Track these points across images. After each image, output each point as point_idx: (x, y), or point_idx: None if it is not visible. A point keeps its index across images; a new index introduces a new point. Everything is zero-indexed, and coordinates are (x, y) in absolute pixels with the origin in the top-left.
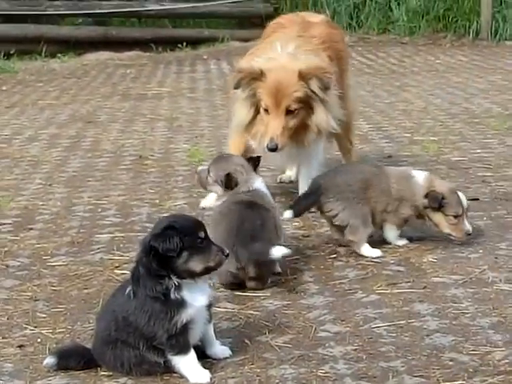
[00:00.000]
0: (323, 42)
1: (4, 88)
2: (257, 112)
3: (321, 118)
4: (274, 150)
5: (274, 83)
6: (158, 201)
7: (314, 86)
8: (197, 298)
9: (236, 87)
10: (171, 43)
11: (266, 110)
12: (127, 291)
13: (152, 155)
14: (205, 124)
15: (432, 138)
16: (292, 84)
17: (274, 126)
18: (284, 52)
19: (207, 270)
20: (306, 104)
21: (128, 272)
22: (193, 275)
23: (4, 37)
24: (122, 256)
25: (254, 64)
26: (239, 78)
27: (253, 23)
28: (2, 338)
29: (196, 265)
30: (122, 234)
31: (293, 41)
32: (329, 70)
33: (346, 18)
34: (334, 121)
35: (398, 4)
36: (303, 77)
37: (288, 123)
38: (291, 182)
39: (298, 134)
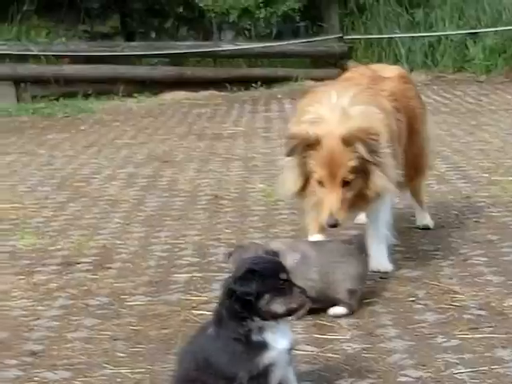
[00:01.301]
0: (391, 95)
1: (82, 128)
2: (306, 181)
3: (378, 182)
4: (334, 226)
5: (328, 153)
6: (234, 241)
7: (361, 151)
8: (279, 340)
9: (289, 155)
10: (245, 82)
11: (320, 182)
12: (209, 332)
13: (228, 195)
14: (280, 164)
15: (511, 179)
16: (345, 153)
17: (331, 201)
18: (337, 104)
19: (290, 312)
20: (362, 170)
21: (206, 312)
22: (275, 317)
23: (82, 77)
24: (199, 296)
25: (308, 130)
26: (293, 145)
27: (327, 63)
28: (83, 376)
29: (278, 307)
30: (200, 274)
31: (351, 89)
32: (374, 131)
33: (421, 57)
34: (391, 183)
35: (474, 42)
36: (348, 143)
37: (345, 195)
38: None
39: (356, 201)
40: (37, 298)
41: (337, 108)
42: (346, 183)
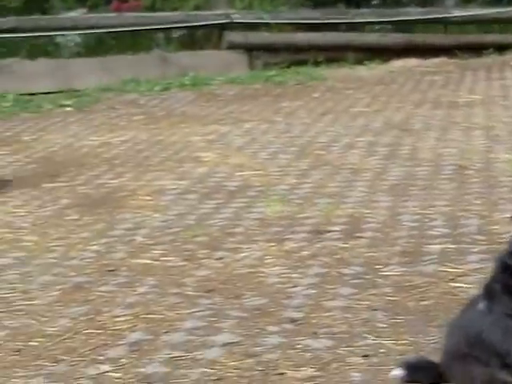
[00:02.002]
0: None
1: (315, 95)
2: None
3: None
4: None
5: None
6: (486, 212)
7: None
8: None
9: None
10: (476, 49)
11: None
12: (480, 307)
13: (472, 165)
14: None
15: None
16: None
17: None
18: None
19: None
20: None
21: (464, 285)
22: None
23: (313, 45)
24: (455, 268)
25: None
26: None
27: None
28: (346, 346)
29: None
30: (453, 246)
31: None
32: None
33: None
34: None
35: None
36: None
37: None
38: None
39: None
40: (290, 266)
41: None
42: None
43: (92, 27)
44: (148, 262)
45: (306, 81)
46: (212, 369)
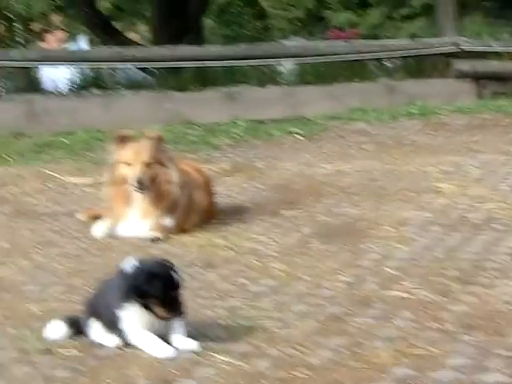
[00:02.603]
0: None
1: None
2: None
3: None
4: None
5: None
6: None
7: None
8: None
9: None
10: None
11: None
12: None
13: None
14: None
15: None
16: None
17: None
18: None
19: None
20: None
21: None
22: None
23: None
24: None
25: None
26: None
27: None
28: None
29: None
30: None
31: None
32: None
33: None
34: None
35: None
36: None
37: None
38: None
39: None
40: None
41: None
42: None
43: (315, 55)
44: (401, 294)
45: None
46: None
